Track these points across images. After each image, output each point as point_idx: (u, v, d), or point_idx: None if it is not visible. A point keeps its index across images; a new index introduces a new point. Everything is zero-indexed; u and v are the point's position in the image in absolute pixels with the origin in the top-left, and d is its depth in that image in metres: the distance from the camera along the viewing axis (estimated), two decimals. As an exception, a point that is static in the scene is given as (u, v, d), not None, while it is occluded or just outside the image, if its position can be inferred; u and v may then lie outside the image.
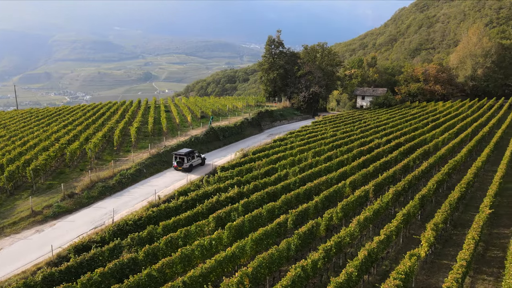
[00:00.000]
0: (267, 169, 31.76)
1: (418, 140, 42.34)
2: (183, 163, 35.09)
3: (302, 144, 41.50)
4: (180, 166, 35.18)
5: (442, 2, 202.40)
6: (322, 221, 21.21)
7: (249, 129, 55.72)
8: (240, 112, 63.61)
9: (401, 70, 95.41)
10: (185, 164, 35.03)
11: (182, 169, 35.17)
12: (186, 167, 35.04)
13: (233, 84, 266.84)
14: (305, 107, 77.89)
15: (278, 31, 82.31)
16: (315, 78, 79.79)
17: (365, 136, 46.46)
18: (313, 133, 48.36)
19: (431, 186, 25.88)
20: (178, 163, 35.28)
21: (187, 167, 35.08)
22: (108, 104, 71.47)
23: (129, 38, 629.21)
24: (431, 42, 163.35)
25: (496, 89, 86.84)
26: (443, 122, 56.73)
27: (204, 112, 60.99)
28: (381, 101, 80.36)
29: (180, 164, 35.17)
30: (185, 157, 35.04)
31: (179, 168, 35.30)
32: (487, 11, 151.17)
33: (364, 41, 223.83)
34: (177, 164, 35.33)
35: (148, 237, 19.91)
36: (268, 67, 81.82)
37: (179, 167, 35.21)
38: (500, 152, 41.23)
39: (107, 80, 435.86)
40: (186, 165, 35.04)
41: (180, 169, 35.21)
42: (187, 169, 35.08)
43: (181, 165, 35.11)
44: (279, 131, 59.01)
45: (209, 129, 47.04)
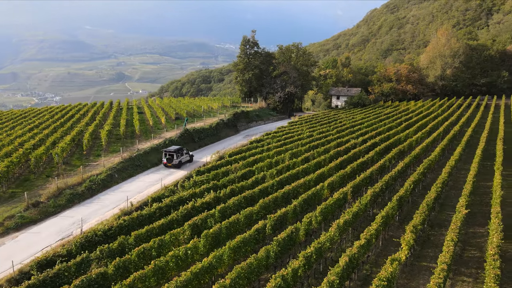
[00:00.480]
0: (244, 172, 30.99)
1: (393, 140, 42.69)
2: (172, 159, 36.09)
3: (279, 146, 40.98)
4: (169, 162, 36.18)
5: (411, 4, 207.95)
6: (301, 226, 20.64)
7: (225, 131, 54.79)
8: (216, 113, 62.56)
9: (374, 70, 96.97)
10: (174, 160, 36.03)
11: (172, 166, 36.20)
12: (176, 163, 36.10)
13: (208, 85, 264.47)
14: (281, 108, 77.73)
15: (253, 31, 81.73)
16: (291, 78, 79.73)
17: (341, 136, 46.49)
18: (290, 134, 47.98)
19: (408, 186, 25.86)
20: (168, 160, 36.22)
21: (177, 163, 36.17)
22: (78, 106, 68.73)
23: (101, 37, 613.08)
24: (402, 43, 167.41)
25: (464, 88, 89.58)
26: (415, 121, 57.73)
27: (179, 113, 59.56)
28: (355, 101, 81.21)
29: (169, 161, 36.18)
30: (175, 154, 36.01)
31: (168, 164, 36.29)
32: (454, 12, 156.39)
33: (337, 41, 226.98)
34: (167, 161, 36.28)
35: (119, 248, 18.71)
36: (243, 67, 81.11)
37: (169, 163, 36.20)
38: (471, 150, 42.15)
39: (78, 80, 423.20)
40: (176, 161, 36.07)
41: (170, 165, 36.24)
42: (176, 166, 36.19)
43: (170, 161, 36.13)
44: (256, 132, 58.38)
45: (184, 131, 45.80)
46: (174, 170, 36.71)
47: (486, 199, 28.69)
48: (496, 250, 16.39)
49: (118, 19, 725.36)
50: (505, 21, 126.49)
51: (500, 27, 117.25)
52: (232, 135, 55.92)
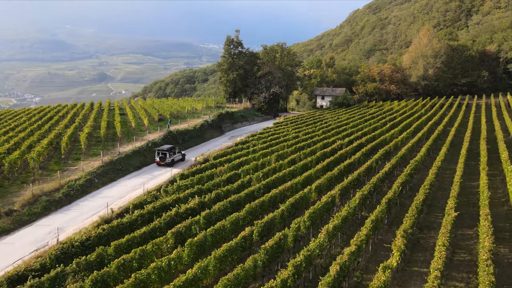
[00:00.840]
0: (229, 175, 30.10)
1: (378, 140, 42.50)
2: (165, 158, 36.75)
3: (264, 147, 40.24)
4: (162, 161, 36.80)
5: (393, 5, 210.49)
6: (289, 232, 19.91)
7: (209, 132, 53.74)
8: (200, 114, 61.40)
9: (358, 70, 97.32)
10: (167, 159, 36.72)
11: (165, 164, 36.80)
12: (169, 162, 36.76)
13: (192, 85, 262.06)
14: (266, 108, 77.08)
15: (237, 31, 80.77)
16: (275, 79, 79.13)
17: (327, 137, 46.06)
18: (275, 135, 47.30)
19: (396, 188, 25.46)
20: (161, 158, 36.83)
21: (169, 162, 36.81)
22: (57, 107, 66.48)
23: (81, 37, 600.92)
24: (384, 43, 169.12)
25: (445, 88, 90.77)
26: (400, 121, 57.89)
27: (162, 115, 58.18)
28: (340, 101, 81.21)
29: (162, 159, 36.80)
30: (167, 153, 36.73)
31: (161, 163, 36.88)
32: (434, 13, 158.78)
33: (321, 41, 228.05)
34: (160, 159, 36.87)
35: (98, 260, 17.59)
36: (227, 67, 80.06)
37: (162, 162, 36.82)
38: (455, 150, 42.32)
39: (58, 81, 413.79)
40: (168, 160, 36.75)
41: (163, 164, 36.83)
42: (169, 164, 36.77)
43: (163, 160, 36.77)
44: (241, 133, 57.52)
45: (167, 133, 44.55)
46: (157, 173, 35.56)
47: (473, 200, 28.59)
48: (488, 255, 16.01)
49: (99, 18, 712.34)
50: (484, 22, 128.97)
51: (479, 28, 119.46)
52: (217, 136, 54.92)
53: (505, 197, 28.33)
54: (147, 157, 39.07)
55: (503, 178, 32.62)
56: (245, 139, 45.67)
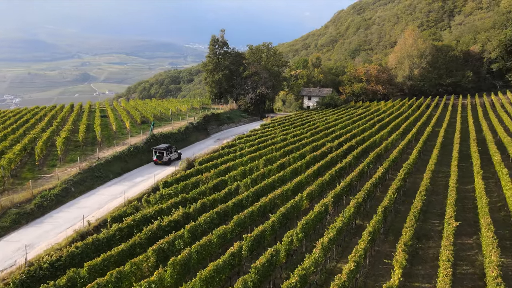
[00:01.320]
0: (216, 182, 28.35)
1: (369, 143, 41.36)
2: (162, 157, 37.46)
3: (252, 151, 38.60)
4: (160, 160, 37.52)
5: (377, 5, 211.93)
6: (281, 246, 18.33)
7: (194, 134, 51.80)
8: (185, 116, 59.35)
9: (344, 70, 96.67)
10: (164, 158, 37.45)
11: (162, 163, 37.51)
12: (166, 161, 37.54)
13: (177, 85, 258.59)
14: (253, 109, 75.55)
15: (222, 31, 78.95)
16: (262, 79, 77.64)
17: (316, 139, 44.74)
18: (263, 138, 45.71)
19: (391, 195, 24.19)
20: (158, 157, 37.55)
21: (167, 160, 37.65)
22: (35, 109, 63.37)
23: (63, 36, 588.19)
24: (369, 43, 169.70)
25: (431, 88, 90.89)
26: (388, 122, 57.09)
27: (145, 117, 55.96)
28: (327, 101, 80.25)
29: (160, 158, 37.51)
30: (164, 152, 37.52)
31: (158, 161, 37.59)
32: (417, 14, 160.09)
33: (306, 41, 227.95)
34: (157, 158, 37.58)
35: (69, 285, 15.64)
36: (212, 67, 78.15)
37: (159, 160, 37.53)
38: (445, 151, 41.52)
39: (39, 81, 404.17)
40: (166, 158, 37.55)
41: (160, 162, 37.53)
42: (166, 163, 37.62)
43: (160, 159, 37.48)
44: (227, 135, 55.79)
45: (150, 137, 42.46)
46: (139, 180, 33.60)
47: (468, 205, 27.61)
48: (498, 272, 14.76)
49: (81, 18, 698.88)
50: (466, 22, 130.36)
51: (462, 28, 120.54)
52: (203, 139, 53.04)
53: (501, 202, 27.43)
54: (128, 162, 36.99)
55: (497, 181, 31.83)
56: (232, 142, 43.92)
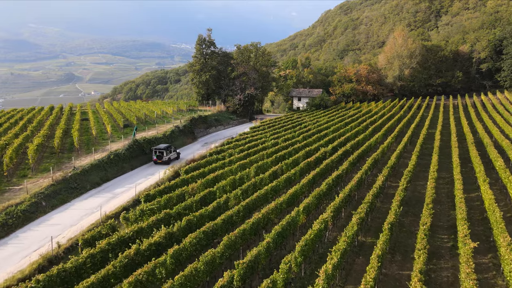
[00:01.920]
0: (203, 195, 25.69)
1: (364, 147, 39.22)
2: (162, 156, 37.78)
3: (242, 157, 36.05)
4: (160, 159, 37.81)
5: (363, 5, 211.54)
6: (279, 276, 15.84)
7: (181, 139, 48.95)
8: (170, 119, 56.41)
9: (334, 70, 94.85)
10: (164, 157, 37.77)
11: (162, 162, 37.80)
12: (166, 160, 37.87)
13: (164, 86, 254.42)
14: (241, 111, 73.00)
15: (209, 30, 76.13)
16: (250, 80, 75.12)
17: (309, 143, 42.42)
18: (253, 142, 43.19)
19: (396, 209, 21.94)
20: (158, 157, 37.88)
21: (166, 160, 37.96)
22: (11, 112, 59.47)
23: (47, 36, 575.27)
24: (357, 44, 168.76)
25: (421, 88, 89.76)
26: (381, 124, 55.20)
27: (129, 120, 52.87)
28: (317, 102, 78.19)
29: (160, 158, 37.81)
30: (164, 151, 37.84)
31: (158, 161, 37.91)
32: (405, 14, 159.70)
33: (294, 41, 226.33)
34: (157, 158, 37.92)
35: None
36: (199, 68, 75.26)
37: (159, 160, 37.82)
38: (443, 155, 39.73)
39: (23, 81, 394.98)
40: (166, 158, 37.88)
41: (160, 162, 37.83)
42: (166, 162, 37.91)
43: (160, 158, 37.78)
44: (215, 139, 53.15)
45: (133, 142, 39.48)
46: (119, 191, 30.74)
47: (475, 216, 25.58)
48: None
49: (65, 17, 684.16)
50: (453, 22, 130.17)
51: (449, 29, 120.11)
52: (190, 143, 50.25)
53: (510, 212, 25.48)
54: (108, 171, 34.01)
55: (501, 188, 30.01)
56: (220, 147, 41.25)
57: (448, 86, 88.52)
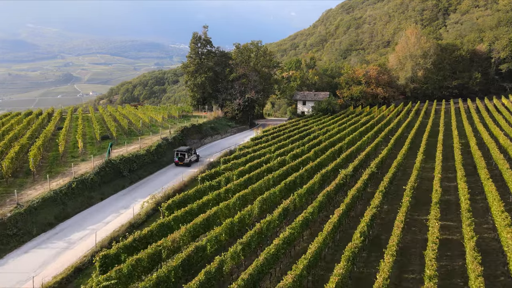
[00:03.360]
0: (188, 254, 17.58)
1: (394, 169, 31.10)
2: (184, 159, 37.70)
3: (242, 184, 27.98)
4: (181, 161, 37.77)
5: (366, 4, 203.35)
6: None
7: (169, 154, 40.83)
8: (159, 128, 48.21)
9: (340, 71, 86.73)
10: (186, 159, 37.69)
11: (183, 164, 37.79)
12: (187, 162, 37.78)
13: (162, 86, 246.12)
14: (241, 116, 64.88)
15: (205, 27, 67.98)
16: (251, 82, 66.98)
17: (323, 162, 34.31)
18: (255, 160, 35.06)
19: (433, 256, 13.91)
20: (180, 159, 37.79)
21: (187, 162, 37.87)
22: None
23: (45, 36, 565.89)
24: (361, 43, 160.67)
25: (435, 91, 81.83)
26: (402, 134, 47.18)
27: (110, 130, 44.69)
28: (324, 106, 70.05)
29: (181, 160, 37.75)
30: (186, 154, 37.81)
31: (180, 163, 37.84)
32: (410, 12, 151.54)
33: (294, 41, 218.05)
34: (179, 160, 37.82)
35: None
36: (194, 69, 67.06)
37: (180, 162, 37.77)
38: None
39: (20, 82, 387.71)
40: (187, 160, 37.76)
41: (181, 164, 37.79)
42: (187, 164, 37.88)
43: (182, 160, 37.74)
44: (211, 151, 45.14)
45: (105, 164, 31.30)
46: (76, 236, 22.64)
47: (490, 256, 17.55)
48: None
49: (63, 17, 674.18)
50: (463, 20, 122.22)
51: (461, 27, 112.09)
52: (180, 158, 42.16)
53: None
54: (68, 205, 25.84)
55: None
56: (214, 169, 32.92)
57: (465, 88, 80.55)
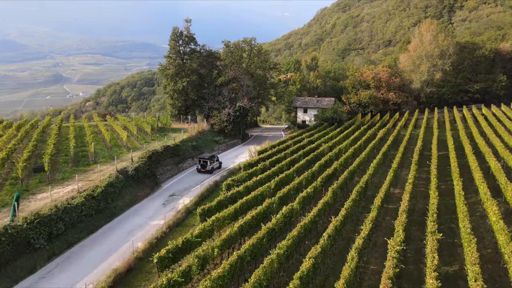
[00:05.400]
0: None
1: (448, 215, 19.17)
2: (206, 166, 36.44)
3: (226, 272, 15.88)
4: (204, 168, 36.35)
5: (362, 2, 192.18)
6: None
7: (127, 193, 28.57)
8: (122, 150, 35.83)
9: (345, 73, 74.85)
10: (208, 167, 36.33)
11: (206, 171, 36.30)
12: (209, 169, 36.27)
13: (151, 88, 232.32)
14: (231, 129, 52.62)
15: (187, 21, 55.50)
16: (243, 87, 54.86)
17: (349, 213, 22.32)
18: (248, 215, 22.97)
19: None
20: (202, 166, 36.57)
21: (210, 169, 36.31)
22: None
23: (34, 36, 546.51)
24: (360, 42, 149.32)
25: (453, 95, 70.40)
26: (446, 158, 35.34)
27: (42, 163, 32.08)
28: (329, 115, 58.07)
29: (204, 167, 36.43)
30: (208, 161, 36.47)
31: (202, 170, 36.40)
32: (412, 10, 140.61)
33: (289, 40, 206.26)
34: (201, 167, 36.52)
35: None
36: (174, 72, 54.56)
37: (203, 169, 36.37)
38: None
39: (9, 82, 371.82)
40: (209, 167, 36.33)
41: (204, 171, 36.32)
42: (209, 171, 36.33)
43: (204, 167, 36.41)
44: (189, 184, 32.95)
45: (4, 229, 18.93)
46: None
47: None
48: None
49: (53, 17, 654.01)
50: (472, 18, 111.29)
51: (471, 24, 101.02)
52: (143, 197, 29.86)
53: None
54: None
55: None
56: (189, 235, 20.56)
57: (487, 93, 69.30)
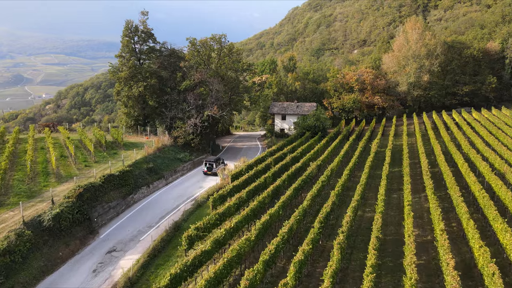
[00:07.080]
0: None
1: None
2: (212, 168, 36.16)
3: None
4: (209, 171, 36.19)
5: (334, 2, 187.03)
6: None
7: (42, 254, 19.03)
8: (50, 181, 25.98)
9: (326, 75, 67.23)
10: (214, 169, 36.07)
11: (211, 174, 36.14)
12: (215, 172, 35.93)
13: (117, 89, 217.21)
14: (198, 142, 43.38)
15: (144, 13, 45.76)
16: (212, 93, 45.80)
17: None
18: (218, 277, 14.16)
19: None
20: (208, 169, 36.28)
21: (215, 172, 35.93)
22: None
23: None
24: (334, 42, 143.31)
25: (441, 98, 64.47)
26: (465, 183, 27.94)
27: None
28: (311, 123, 50.12)
29: (209, 170, 36.20)
30: (214, 163, 36.27)
31: (208, 172, 36.28)
32: (386, 9, 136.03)
33: (260, 40, 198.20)
34: (207, 170, 36.28)
35: None
36: (129, 74, 44.64)
37: (209, 172, 36.20)
38: None
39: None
40: (215, 170, 36.02)
41: (209, 173, 36.20)
42: (214, 174, 36.08)
43: (210, 170, 36.17)
44: (141, 226, 23.68)
45: None
46: None
47: None
48: None
49: (13, 15, 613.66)
50: (447, 17, 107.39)
51: (447, 24, 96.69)
52: (68, 257, 20.36)
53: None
54: None
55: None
56: None
57: (476, 95, 63.87)
